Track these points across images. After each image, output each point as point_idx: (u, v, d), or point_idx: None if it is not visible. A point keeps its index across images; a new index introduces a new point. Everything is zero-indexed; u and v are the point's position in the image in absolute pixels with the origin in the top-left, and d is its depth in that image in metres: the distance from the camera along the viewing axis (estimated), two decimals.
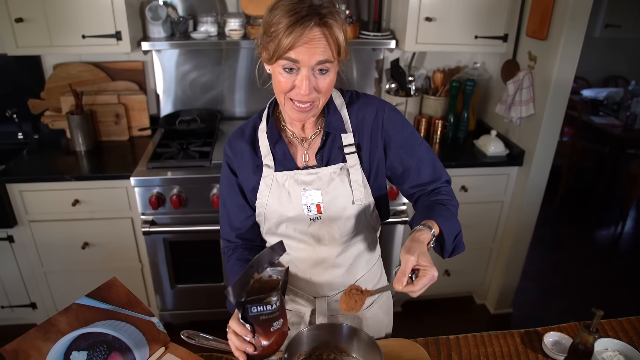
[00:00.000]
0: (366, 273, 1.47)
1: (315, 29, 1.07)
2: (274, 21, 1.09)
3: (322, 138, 1.31)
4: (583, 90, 4.94)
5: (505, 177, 2.81)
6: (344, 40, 1.13)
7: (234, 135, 1.39)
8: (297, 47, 1.08)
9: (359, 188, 1.31)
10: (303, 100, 1.16)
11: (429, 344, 1.40)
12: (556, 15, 2.39)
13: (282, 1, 1.09)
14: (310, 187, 1.30)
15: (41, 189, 2.45)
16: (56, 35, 2.43)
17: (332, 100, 1.32)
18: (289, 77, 1.14)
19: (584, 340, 1.10)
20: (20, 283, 2.71)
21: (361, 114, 1.33)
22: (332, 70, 1.15)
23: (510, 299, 3.15)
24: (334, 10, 1.11)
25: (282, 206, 1.32)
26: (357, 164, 1.31)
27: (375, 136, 1.32)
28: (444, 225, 1.23)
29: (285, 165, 1.33)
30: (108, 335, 1.23)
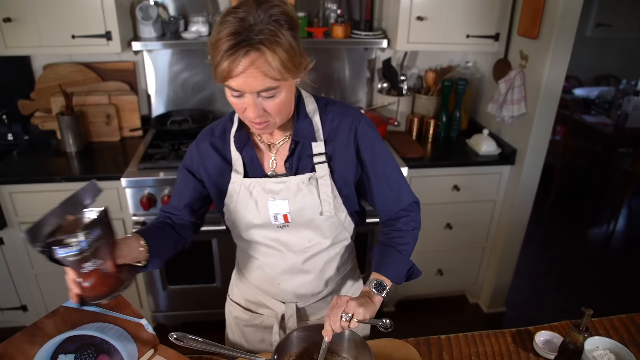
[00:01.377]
0: (339, 279, 1.46)
1: (248, 59, 1.01)
2: (216, 41, 1.03)
3: (291, 146, 1.27)
4: (575, 89, 4.96)
5: (498, 176, 2.81)
6: (289, 60, 1.05)
7: (203, 137, 1.35)
8: (233, 76, 1.04)
9: (327, 199, 1.27)
10: (255, 121, 1.14)
11: (420, 344, 1.39)
12: (547, 14, 2.40)
13: (228, 16, 1.03)
14: (277, 196, 1.26)
15: (31, 190, 2.43)
16: (45, 36, 2.41)
17: (304, 106, 1.28)
18: (239, 100, 1.10)
19: (574, 340, 1.10)
20: (11, 285, 2.69)
21: (335, 123, 1.28)
22: (282, 91, 1.10)
23: (503, 298, 3.16)
24: (273, 32, 1.02)
25: (249, 213, 1.29)
26: (326, 175, 1.27)
27: (348, 147, 1.28)
28: (392, 274, 1.28)
29: (253, 172, 1.29)
30: (96, 337, 1.22)
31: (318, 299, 1.45)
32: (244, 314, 1.53)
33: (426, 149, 2.87)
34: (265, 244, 1.35)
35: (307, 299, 1.44)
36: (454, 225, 2.90)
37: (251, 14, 1.01)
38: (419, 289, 3.13)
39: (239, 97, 1.09)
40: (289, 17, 1.06)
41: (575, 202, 4.77)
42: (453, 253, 3.02)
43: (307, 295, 1.43)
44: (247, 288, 1.50)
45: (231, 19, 1.02)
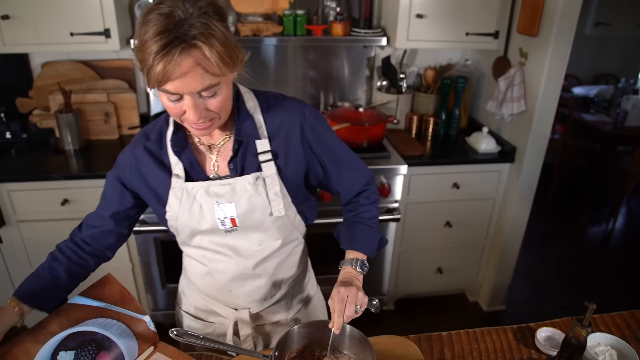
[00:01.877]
0: (292, 280, 1.43)
1: (185, 57, 0.94)
2: (142, 43, 0.95)
3: (234, 146, 1.21)
4: (574, 88, 4.96)
5: (497, 174, 2.81)
6: (226, 54, 0.99)
7: (137, 142, 1.27)
8: (169, 80, 0.96)
9: (276, 199, 1.22)
10: (198, 124, 1.08)
11: (421, 341, 1.39)
12: (547, 12, 2.39)
13: (150, 14, 0.95)
14: (223, 199, 1.21)
15: (29, 188, 2.42)
16: (44, 33, 2.40)
17: (244, 103, 1.22)
18: (176, 105, 1.03)
19: (577, 334, 1.09)
20: (9, 284, 2.67)
21: (279, 118, 1.23)
22: (222, 87, 1.05)
23: (502, 296, 3.16)
24: (206, 25, 0.96)
25: (193, 219, 1.23)
26: (273, 173, 1.22)
27: (295, 142, 1.23)
28: (366, 249, 1.30)
29: (194, 176, 1.23)
30: (97, 334, 1.21)
31: (271, 303, 1.40)
32: (195, 323, 1.48)
33: (426, 147, 2.87)
34: (213, 250, 1.29)
35: (260, 304, 1.39)
36: (454, 224, 2.89)
37: (178, 7, 0.94)
38: (418, 287, 3.13)
39: (177, 101, 1.02)
40: (217, 7, 1.00)
41: (575, 200, 4.77)
42: (453, 251, 3.02)
43: (259, 300, 1.38)
44: (196, 296, 1.44)
45: (155, 16, 0.94)
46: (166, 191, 1.24)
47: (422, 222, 2.86)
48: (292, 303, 1.46)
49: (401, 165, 2.57)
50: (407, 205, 2.77)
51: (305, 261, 1.50)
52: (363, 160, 1.38)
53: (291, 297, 1.45)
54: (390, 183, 2.60)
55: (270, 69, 3.01)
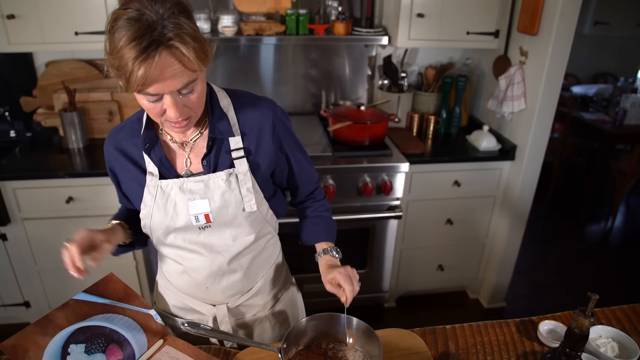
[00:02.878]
0: (267, 272, 1.45)
1: (164, 58, 0.96)
2: (116, 50, 0.96)
3: (208, 144, 1.23)
4: (573, 87, 4.98)
5: (498, 172, 2.83)
6: (200, 50, 1.01)
7: (109, 140, 1.31)
8: (150, 82, 0.98)
9: (249, 195, 1.25)
10: (178, 122, 1.11)
11: (425, 334, 1.41)
12: (547, 11, 2.42)
13: (119, 20, 0.95)
14: (197, 195, 1.23)
15: (34, 186, 2.44)
16: (48, 32, 2.42)
17: (217, 101, 1.24)
18: (155, 105, 1.06)
19: (580, 325, 1.12)
20: (14, 281, 2.69)
21: (251, 116, 1.26)
22: (198, 83, 1.08)
23: (503, 294, 3.18)
24: (178, 24, 0.97)
25: (167, 216, 1.25)
26: (246, 169, 1.25)
27: (267, 139, 1.27)
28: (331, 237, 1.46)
29: (164, 173, 1.25)
30: (105, 328, 1.23)
31: (249, 297, 1.42)
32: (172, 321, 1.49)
33: (426, 145, 2.89)
34: (187, 248, 1.31)
35: (237, 299, 1.41)
36: (455, 221, 2.91)
37: (147, 10, 0.95)
38: (419, 284, 3.15)
39: (157, 101, 1.05)
40: (183, 5, 1.01)
41: (574, 199, 4.79)
42: (453, 248, 3.04)
43: (236, 295, 1.40)
44: (173, 295, 1.45)
45: (125, 22, 0.94)
46: (140, 188, 1.27)
47: (423, 219, 2.88)
48: (268, 296, 1.48)
49: (402, 163, 2.59)
50: (408, 203, 2.79)
51: (279, 255, 1.53)
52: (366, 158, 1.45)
53: (267, 290, 1.47)
54: (392, 181, 2.62)
55: (273, 67, 3.03)
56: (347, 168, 2.55)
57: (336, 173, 2.56)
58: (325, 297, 2.84)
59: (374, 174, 2.59)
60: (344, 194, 2.61)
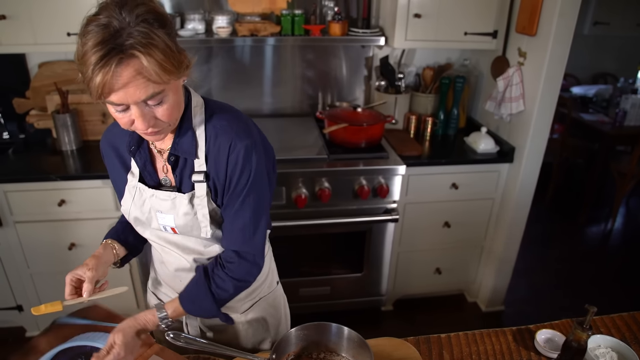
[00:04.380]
0: None
1: (123, 68, 0.92)
2: (81, 55, 0.94)
3: (170, 159, 1.20)
4: (572, 88, 4.95)
5: (496, 174, 2.80)
6: (167, 61, 0.96)
7: (105, 134, 1.33)
8: (109, 91, 0.94)
9: (204, 221, 1.21)
10: (147, 132, 1.07)
11: (420, 343, 1.38)
12: (546, 11, 2.39)
13: (89, 25, 0.93)
14: (163, 209, 1.23)
15: (26, 189, 2.40)
16: (40, 33, 2.39)
17: (190, 116, 1.18)
18: (124, 115, 1.02)
19: (577, 338, 1.09)
20: (6, 285, 2.66)
21: (219, 141, 1.17)
22: (168, 94, 1.03)
23: (501, 297, 3.15)
24: (144, 34, 0.93)
25: (143, 216, 1.27)
26: (203, 194, 1.20)
27: (224, 166, 1.18)
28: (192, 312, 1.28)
29: (146, 176, 1.25)
30: (86, 346, 1.22)
31: None
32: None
33: (424, 147, 2.86)
34: (161, 244, 1.33)
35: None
36: (452, 224, 2.88)
37: (115, 17, 0.92)
38: (417, 288, 3.12)
39: (124, 111, 1.01)
40: (157, 14, 0.98)
41: (573, 200, 4.76)
42: (451, 251, 3.01)
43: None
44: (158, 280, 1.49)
45: (94, 27, 0.92)
46: (122, 185, 1.30)
47: (421, 222, 2.85)
48: (245, 299, 1.43)
49: (399, 166, 2.56)
50: (405, 206, 2.76)
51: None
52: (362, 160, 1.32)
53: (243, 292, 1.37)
54: (389, 183, 2.59)
55: (268, 69, 3.00)
56: (343, 171, 2.52)
57: (332, 176, 2.53)
58: (319, 301, 2.82)
59: (370, 177, 2.56)
60: (340, 196, 2.58)
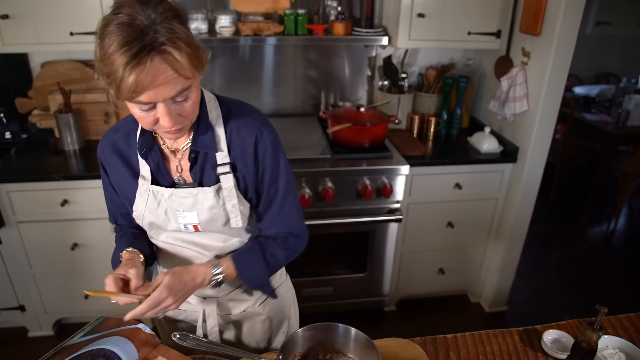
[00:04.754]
0: None
1: (156, 64, 0.93)
2: (106, 57, 0.93)
3: (190, 156, 1.20)
4: (575, 88, 4.94)
5: (499, 174, 2.79)
6: (194, 55, 0.98)
7: (105, 140, 1.27)
8: (142, 90, 0.94)
9: (234, 211, 1.23)
10: (172, 131, 1.08)
11: (426, 344, 1.37)
12: (549, 11, 2.38)
13: (109, 26, 0.92)
14: (185, 207, 1.22)
15: (29, 189, 2.40)
16: (43, 33, 2.38)
17: (206, 112, 1.20)
18: (148, 114, 1.02)
19: (588, 338, 1.08)
20: (9, 285, 2.65)
21: (238, 131, 1.21)
22: (193, 90, 1.04)
23: (505, 297, 3.14)
24: (171, 29, 0.94)
25: (159, 220, 1.25)
26: (231, 186, 1.22)
27: (249, 158, 1.22)
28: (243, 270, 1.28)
29: (160, 178, 1.23)
30: (92, 349, 1.21)
31: (239, 290, 1.42)
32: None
33: (427, 147, 2.85)
34: (178, 245, 1.32)
35: (226, 292, 1.40)
36: (456, 224, 2.87)
37: (139, 15, 0.92)
38: (420, 288, 3.11)
39: (149, 110, 1.01)
40: (176, 10, 0.98)
41: (576, 201, 4.75)
42: (454, 252, 3.00)
43: (225, 289, 1.39)
44: None
45: (116, 27, 0.91)
46: (131, 190, 1.26)
47: (424, 222, 2.84)
48: (257, 292, 1.45)
49: (403, 166, 2.55)
50: (409, 206, 2.75)
51: None
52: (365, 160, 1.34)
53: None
54: (392, 183, 2.58)
55: (271, 68, 2.99)
56: (346, 171, 2.52)
57: (335, 176, 2.52)
58: (322, 302, 2.81)
59: (373, 177, 2.56)
60: (343, 196, 2.57)
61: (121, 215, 1.40)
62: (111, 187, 1.33)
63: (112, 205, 1.39)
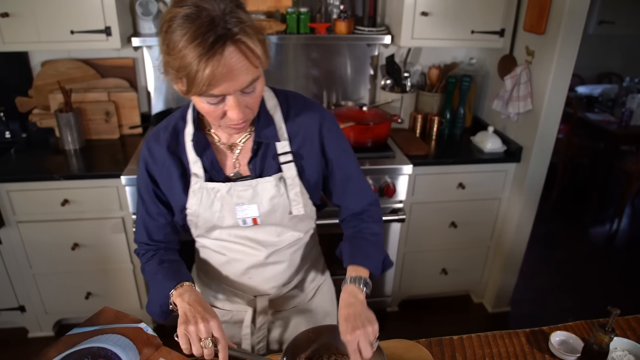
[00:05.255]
0: (307, 266, 1.45)
1: (231, 55, 0.92)
2: (176, 51, 0.92)
3: (253, 147, 1.20)
4: (578, 87, 4.92)
5: (503, 174, 2.77)
6: (265, 43, 0.98)
7: (152, 139, 1.24)
8: (217, 82, 0.93)
9: (297, 199, 1.23)
10: (239, 123, 1.07)
11: (432, 345, 1.35)
12: (554, 10, 2.36)
13: (175, 19, 0.91)
14: (245, 200, 1.21)
15: (29, 188, 2.38)
16: (44, 31, 2.36)
17: (264, 103, 1.19)
18: (216, 107, 1.01)
19: (599, 340, 1.06)
20: (9, 285, 2.64)
21: (299, 119, 1.22)
22: (260, 80, 1.03)
23: (508, 298, 3.12)
24: (240, 19, 0.93)
25: (214, 217, 1.23)
26: (294, 174, 1.22)
27: (314, 144, 1.24)
28: (370, 265, 1.24)
29: (214, 175, 1.22)
30: (92, 347, 1.20)
31: (289, 288, 1.42)
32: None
33: (430, 146, 2.83)
34: (232, 241, 1.30)
35: (278, 289, 1.41)
36: (459, 224, 2.86)
37: (206, 5, 0.91)
38: (422, 288, 3.09)
39: (218, 104, 1.00)
40: (237, 0, 0.97)
41: (579, 200, 4.73)
42: (457, 252, 2.98)
43: (278, 286, 1.40)
44: (216, 285, 1.44)
45: (182, 20, 0.90)
46: (184, 189, 1.23)
47: (427, 222, 2.82)
48: (309, 286, 1.48)
49: (406, 165, 2.53)
50: (411, 206, 2.73)
51: (316, 247, 1.52)
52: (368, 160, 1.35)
53: (309, 280, 1.48)
54: (395, 183, 2.56)
55: (273, 67, 2.97)
56: None
57: None
58: None
59: (376, 176, 2.54)
60: None
61: (158, 229, 1.32)
62: (153, 194, 1.27)
63: (148, 218, 1.31)
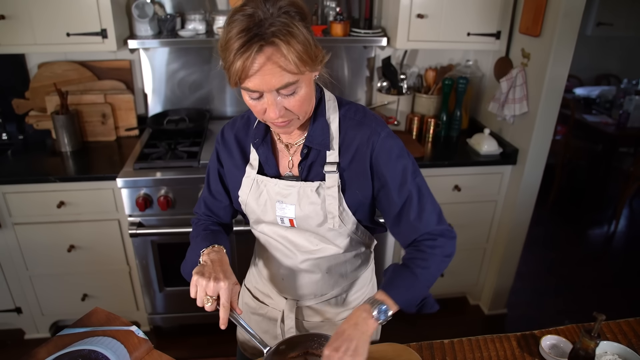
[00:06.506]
0: (346, 284, 1.41)
1: (262, 54, 0.97)
2: (225, 42, 1.00)
3: (303, 151, 1.22)
4: (575, 89, 4.93)
5: (499, 176, 2.77)
6: (305, 52, 1.00)
7: (229, 124, 1.36)
8: (249, 77, 1.00)
9: (332, 212, 1.21)
10: (277, 122, 1.10)
11: (422, 349, 1.35)
12: (550, 12, 2.36)
13: (237, 14, 0.99)
14: (285, 199, 1.23)
15: (25, 190, 2.39)
16: (40, 33, 2.37)
17: (324, 109, 1.22)
18: (258, 102, 1.06)
19: (585, 346, 1.06)
20: (5, 287, 2.64)
21: (353, 134, 1.20)
22: (301, 86, 1.06)
23: (504, 300, 3.12)
24: (285, 24, 0.97)
25: (259, 209, 1.28)
26: (335, 186, 1.19)
27: (363, 161, 1.19)
28: (400, 298, 1.14)
29: (267, 170, 1.27)
30: (84, 350, 1.20)
31: (321, 300, 1.41)
32: (252, 301, 1.52)
33: (426, 148, 2.84)
34: (274, 238, 1.33)
35: (309, 299, 1.40)
36: (455, 226, 2.85)
37: (259, 8, 0.98)
38: None
39: (258, 99, 1.06)
40: (298, 7, 1.03)
41: (576, 202, 4.73)
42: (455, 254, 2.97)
43: (309, 295, 1.39)
44: (258, 276, 1.50)
45: (239, 17, 0.98)
46: (239, 176, 1.31)
47: None
48: (343, 307, 1.45)
49: None
50: None
51: (366, 268, 1.47)
52: None
53: (342, 301, 1.44)
54: None
55: None
56: None
57: None
58: None
59: None
60: None
61: (216, 207, 1.42)
62: (217, 175, 1.37)
63: (209, 195, 1.41)
